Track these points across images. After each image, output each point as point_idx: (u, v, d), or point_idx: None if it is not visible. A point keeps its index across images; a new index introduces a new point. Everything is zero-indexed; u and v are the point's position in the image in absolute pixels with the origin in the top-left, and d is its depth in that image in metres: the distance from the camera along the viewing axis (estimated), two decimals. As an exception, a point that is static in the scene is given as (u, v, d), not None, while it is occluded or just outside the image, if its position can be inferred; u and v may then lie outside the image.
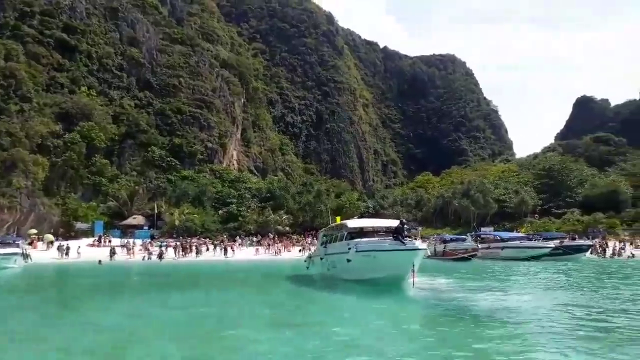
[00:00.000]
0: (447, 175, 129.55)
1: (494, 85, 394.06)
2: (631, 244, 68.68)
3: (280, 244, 62.80)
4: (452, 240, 57.14)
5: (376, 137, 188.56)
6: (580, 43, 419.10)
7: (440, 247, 55.41)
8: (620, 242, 69.31)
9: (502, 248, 53.14)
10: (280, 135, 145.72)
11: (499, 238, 57.13)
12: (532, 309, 16.39)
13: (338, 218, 30.94)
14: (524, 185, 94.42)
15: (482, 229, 75.35)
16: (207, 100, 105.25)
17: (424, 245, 23.77)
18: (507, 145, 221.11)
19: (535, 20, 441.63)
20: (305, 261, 32.20)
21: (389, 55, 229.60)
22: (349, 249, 22.37)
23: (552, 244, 52.85)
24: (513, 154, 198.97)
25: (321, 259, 27.87)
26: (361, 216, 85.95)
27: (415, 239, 24.15)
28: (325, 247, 27.76)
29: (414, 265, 20.16)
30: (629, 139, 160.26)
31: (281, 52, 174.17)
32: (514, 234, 61.96)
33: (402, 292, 20.41)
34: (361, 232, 24.64)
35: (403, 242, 20.79)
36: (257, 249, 60.33)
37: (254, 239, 67.77)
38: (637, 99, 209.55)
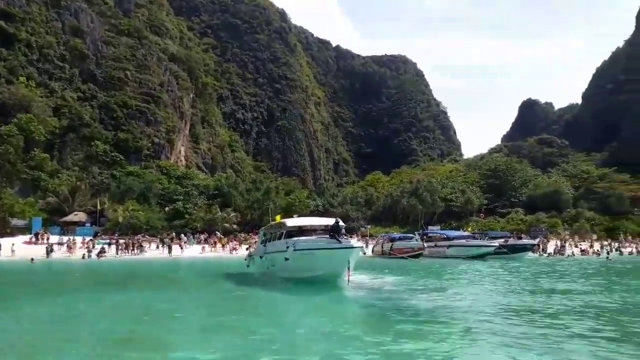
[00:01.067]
0: (397, 175, 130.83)
1: (444, 87, 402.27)
2: (572, 242, 71.00)
3: (235, 242, 61.85)
4: (399, 238, 57.42)
5: (328, 136, 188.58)
6: (529, 50, 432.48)
7: (387, 246, 55.53)
8: (561, 241, 71.58)
9: (448, 247, 53.84)
10: (230, 131, 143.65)
11: (445, 237, 57.88)
12: (462, 307, 16.29)
13: (278, 217, 30.74)
14: (470, 185, 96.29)
15: (430, 227, 76.35)
16: (155, 94, 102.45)
17: (359, 244, 23.55)
18: (456, 146, 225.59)
19: (486, 28, 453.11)
20: (245, 259, 31.89)
21: (341, 54, 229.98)
22: (287, 247, 22.42)
23: (496, 242, 53.91)
24: (461, 155, 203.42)
25: (260, 257, 27.92)
26: (311, 214, 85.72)
27: (352, 237, 23.95)
28: (264, 245, 27.90)
29: (349, 263, 20.45)
30: (571, 141, 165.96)
31: (233, 48, 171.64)
32: (460, 233, 62.89)
33: (338, 290, 20.51)
34: (300, 231, 24.70)
35: (339, 241, 20.88)
36: (203, 247, 59.18)
37: (202, 236, 66.43)
38: (579, 103, 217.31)
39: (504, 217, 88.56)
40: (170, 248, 53.55)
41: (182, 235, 62.91)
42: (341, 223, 22.93)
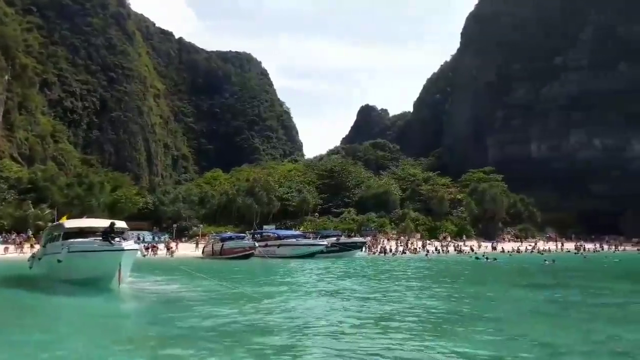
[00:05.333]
0: (236, 173, 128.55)
1: (289, 88, 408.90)
2: (398, 241, 74.51)
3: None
4: (230, 238, 55.66)
5: (167, 130, 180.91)
6: (372, 56, 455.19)
7: (218, 246, 53.49)
8: (388, 240, 74.88)
9: (279, 246, 53.23)
10: (56, 121, 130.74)
11: (276, 236, 57.34)
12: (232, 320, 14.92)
13: (64, 217, 28.42)
14: (307, 185, 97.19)
15: (265, 227, 75.50)
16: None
17: (134, 246, 22.96)
18: (298, 146, 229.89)
19: (332, 32, 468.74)
20: (28, 260, 29.18)
21: (184, 47, 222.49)
22: (62, 249, 21.27)
23: (326, 241, 54.48)
24: (303, 155, 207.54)
25: (39, 259, 26.15)
26: (139, 212, 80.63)
27: (127, 239, 22.65)
28: (45, 247, 26.16)
29: (121, 266, 20.19)
30: (402, 146, 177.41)
31: (61, 30, 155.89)
32: (290, 232, 62.87)
33: (107, 293, 19.79)
34: (79, 233, 23.59)
35: (111, 243, 20.46)
36: (6, 248, 52.08)
37: (13, 236, 58.99)
38: (411, 111, 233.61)
39: (338, 217, 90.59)
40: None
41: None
42: (121, 225, 22.92)
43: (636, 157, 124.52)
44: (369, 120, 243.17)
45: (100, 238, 21.11)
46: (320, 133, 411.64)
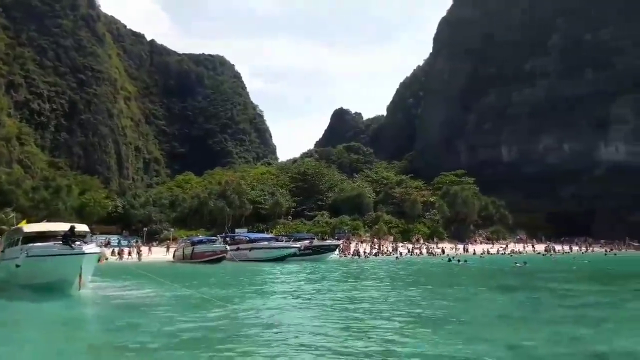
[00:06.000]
0: (209, 176, 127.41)
1: (262, 91, 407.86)
2: (371, 243, 74.66)
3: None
4: (201, 242, 55.14)
5: (138, 133, 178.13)
6: (345, 61, 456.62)
7: (188, 250, 52.89)
8: (361, 242, 75.00)
9: (250, 249, 52.82)
10: (22, 123, 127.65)
11: (248, 239, 56.91)
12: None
13: (24, 222, 28.04)
14: (280, 188, 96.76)
15: (237, 230, 75.01)
16: None
17: (96, 250, 22.46)
18: (271, 150, 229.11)
19: (306, 35, 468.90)
20: None
21: (156, 49, 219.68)
22: (20, 254, 20.88)
23: (299, 244, 54.23)
24: (276, 158, 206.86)
25: None
26: (108, 215, 79.32)
27: (88, 243, 22.31)
28: (3, 252, 25.81)
29: (81, 270, 19.91)
30: (376, 150, 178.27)
31: (29, 31, 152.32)
32: (262, 235, 62.61)
33: (67, 298, 19.47)
34: (38, 237, 23.12)
35: (71, 247, 20.12)
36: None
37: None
38: (384, 114, 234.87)
39: (311, 220, 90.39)
40: None
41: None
42: (83, 228, 22.79)
43: (603, 161, 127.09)
44: (342, 123, 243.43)
45: (61, 242, 20.74)
46: (294, 136, 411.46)
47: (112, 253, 53.67)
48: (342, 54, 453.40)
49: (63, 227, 23.65)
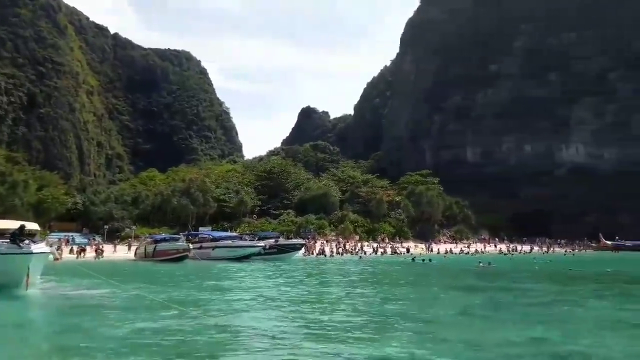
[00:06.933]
0: (173, 173, 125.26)
1: (229, 88, 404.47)
2: (337, 242, 74.52)
3: None
4: (164, 240, 54.00)
5: (101, 128, 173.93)
6: (313, 60, 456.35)
7: (150, 248, 51.72)
8: (327, 241, 74.80)
9: (214, 248, 52.13)
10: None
11: (211, 238, 56.14)
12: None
13: None
14: (245, 186, 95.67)
15: (201, 228, 73.92)
16: None
17: (45, 249, 22.09)
18: (237, 147, 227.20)
19: (273, 33, 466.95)
20: None
21: (120, 42, 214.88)
22: None
23: (264, 243, 53.72)
24: (242, 156, 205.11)
25: None
26: (67, 212, 77.11)
27: (37, 242, 21.76)
28: None
29: (29, 270, 19.38)
30: (343, 149, 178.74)
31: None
32: (225, 234, 61.87)
33: (14, 299, 18.96)
34: None
35: (19, 246, 19.70)
36: None
37: None
38: (352, 114, 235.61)
39: (277, 219, 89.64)
40: None
41: None
42: (33, 227, 22.36)
43: (564, 162, 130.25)
44: (310, 122, 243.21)
45: (8, 240, 20.23)
46: (260, 135, 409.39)
47: (71, 251, 52.12)
48: (310, 53, 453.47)
49: (13, 225, 22.93)
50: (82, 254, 51.04)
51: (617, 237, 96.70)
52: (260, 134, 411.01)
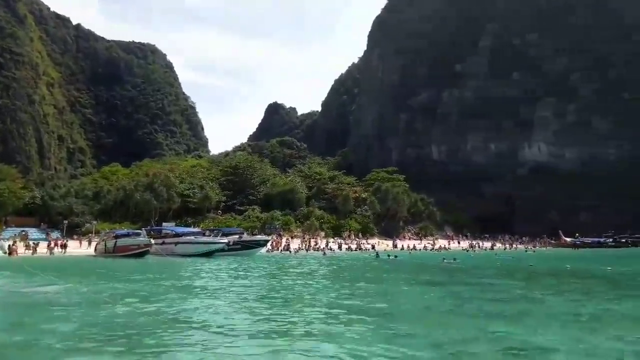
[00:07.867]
0: (137, 168, 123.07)
1: (195, 83, 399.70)
2: (302, 239, 74.16)
3: None
4: (125, 235, 52.76)
5: (62, 122, 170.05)
6: (281, 56, 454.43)
7: (111, 243, 50.43)
8: (292, 238, 74.37)
9: (176, 243, 51.30)
10: None
11: (174, 233, 55.17)
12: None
13: None
14: (210, 182, 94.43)
15: (164, 224, 72.54)
16: None
17: None
18: (203, 142, 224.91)
19: (241, 29, 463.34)
20: None
21: (83, 34, 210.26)
22: None
23: (228, 239, 53.01)
24: (208, 151, 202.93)
25: None
26: (25, 207, 74.94)
27: None
28: None
29: None
30: (310, 145, 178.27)
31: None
32: (188, 229, 61.00)
33: None
34: None
35: None
36: None
37: None
38: (319, 110, 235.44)
39: (242, 215, 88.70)
40: None
41: None
42: None
43: (526, 161, 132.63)
44: (277, 118, 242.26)
45: None
46: (227, 130, 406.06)
47: (27, 247, 50.50)
48: (279, 49, 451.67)
49: None
50: (36, 250, 49.55)
51: (577, 235, 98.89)
52: (227, 129, 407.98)
